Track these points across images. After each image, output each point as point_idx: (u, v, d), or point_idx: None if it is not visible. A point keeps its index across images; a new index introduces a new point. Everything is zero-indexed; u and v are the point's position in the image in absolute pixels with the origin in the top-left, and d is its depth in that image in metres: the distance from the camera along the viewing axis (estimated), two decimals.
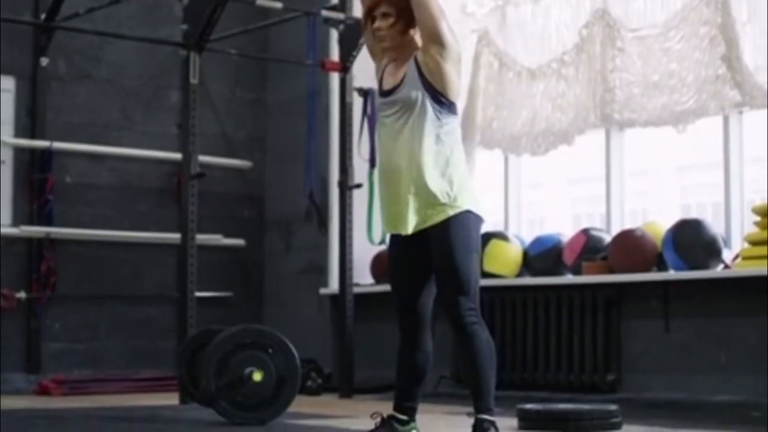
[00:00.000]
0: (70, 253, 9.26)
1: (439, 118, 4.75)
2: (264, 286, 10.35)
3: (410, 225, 4.76)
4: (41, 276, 9.06)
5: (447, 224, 4.70)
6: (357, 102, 8.73)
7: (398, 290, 4.92)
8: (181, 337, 7.66)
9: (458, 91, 4.85)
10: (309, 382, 8.78)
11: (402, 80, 4.81)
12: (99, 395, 8.60)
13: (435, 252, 4.74)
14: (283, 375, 6.10)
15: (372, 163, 8.76)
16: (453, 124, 4.82)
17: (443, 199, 4.71)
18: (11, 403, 7.66)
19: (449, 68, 4.75)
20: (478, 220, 4.80)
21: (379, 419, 4.94)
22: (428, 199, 4.72)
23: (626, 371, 7.82)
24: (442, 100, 4.76)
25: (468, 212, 4.74)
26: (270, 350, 6.10)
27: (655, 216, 9.53)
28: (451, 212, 4.71)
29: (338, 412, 6.96)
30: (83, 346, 9.33)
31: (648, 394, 7.59)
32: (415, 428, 4.96)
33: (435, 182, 4.72)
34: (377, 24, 4.83)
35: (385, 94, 4.90)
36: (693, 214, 7.91)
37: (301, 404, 6.83)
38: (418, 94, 4.75)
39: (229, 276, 10.11)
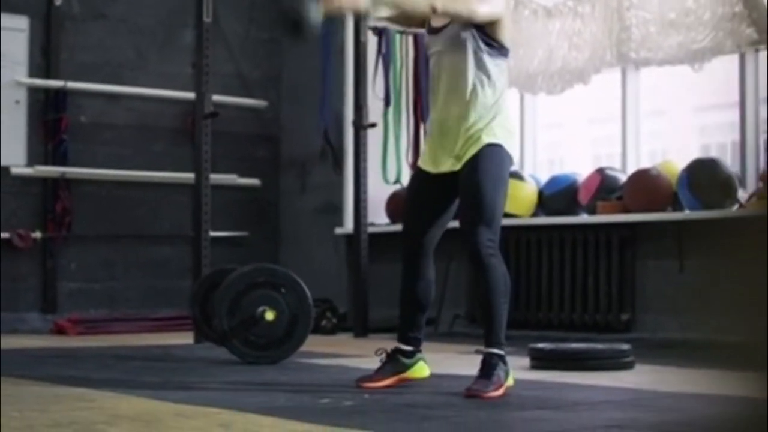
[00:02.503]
0: (86, 192, 9.27)
1: (489, 59, 4.71)
2: (280, 226, 10.36)
3: (452, 164, 4.74)
4: (57, 216, 9.08)
5: (481, 153, 4.67)
6: (372, 41, 8.69)
7: (409, 223, 4.91)
8: (196, 276, 7.67)
9: (510, 37, 4.79)
10: (324, 322, 8.79)
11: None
12: (115, 335, 8.64)
13: (464, 179, 4.69)
14: (296, 314, 6.11)
15: (386, 102, 8.74)
16: (502, 66, 4.77)
17: (482, 130, 4.67)
18: (27, 342, 7.70)
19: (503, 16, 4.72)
20: (510, 159, 4.78)
21: (384, 355, 4.94)
22: (472, 136, 4.69)
23: (640, 311, 7.81)
24: (492, 43, 4.71)
25: (502, 147, 4.71)
26: (282, 289, 6.10)
27: (675, 156, 9.48)
28: (486, 141, 4.67)
29: (351, 351, 6.97)
30: (99, 286, 9.36)
31: (662, 334, 7.58)
32: (421, 359, 4.96)
33: (480, 120, 4.68)
34: None
35: (433, 31, 4.85)
36: (712, 154, 7.85)
37: (315, 344, 6.85)
38: (468, 33, 4.70)
39: (245, 216, 10.11)
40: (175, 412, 3.95)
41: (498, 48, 4.73)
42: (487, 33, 4.69)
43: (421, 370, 4.96)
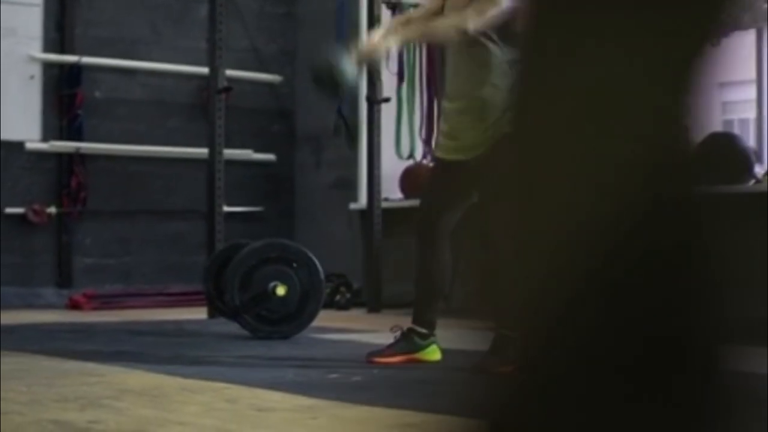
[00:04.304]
0: (101, 168, 9.26)
1: (503, 52, 4.69)
2: (294, 201, 10.34)
3: (464, 153, 4.73)
4: (72, 191, 9.08)
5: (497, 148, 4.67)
6: (385, 15, 8.64)
7: (426, 206, 4.92)
8: (210, 251, 7.67)
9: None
10: (338, 297, 8.78)
11: None
12: (129, 310, 8.63)
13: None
14: (307, 289, 6.10)
15: (400, 77, 8.71)
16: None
17: (494, 127, 4.67)
18: (42, 317, 7.72)
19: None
20: None
21: (399, 332, 4.94)
22: (484, 131, 4.68)
23: None
24: (507, 41, 4.70)
25: None
26: (294, 264, 6.10)
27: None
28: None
29: (363, 326, 6.95)
30: (114, 261, 9.37)
31: None
32: (434, 342, 4.96)
33: (493, 113, 4.67)
34: None
35: None
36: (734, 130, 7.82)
37: (328, 319, 6.84)
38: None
39: (260, 191, 10.09)
40: (183, 387, 3.95)
41: (513, 40, 4.72)
42: (503, 32, 4.69)
43: (434, 352, 4.95)
